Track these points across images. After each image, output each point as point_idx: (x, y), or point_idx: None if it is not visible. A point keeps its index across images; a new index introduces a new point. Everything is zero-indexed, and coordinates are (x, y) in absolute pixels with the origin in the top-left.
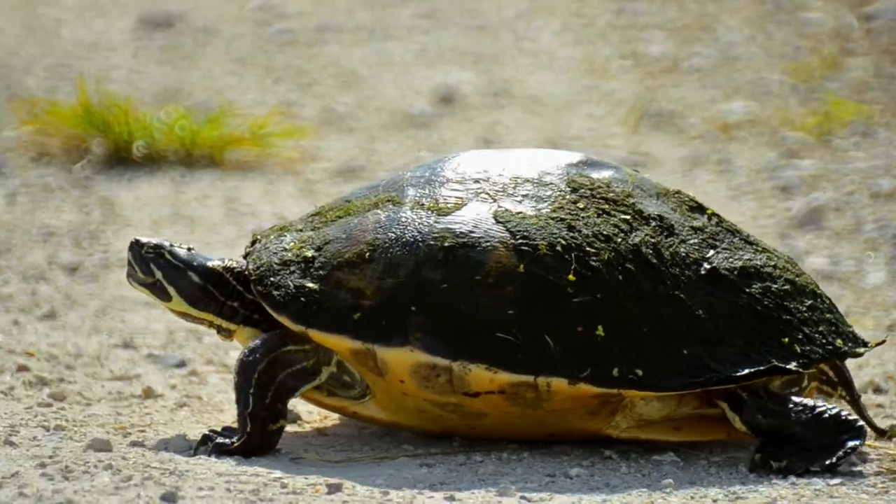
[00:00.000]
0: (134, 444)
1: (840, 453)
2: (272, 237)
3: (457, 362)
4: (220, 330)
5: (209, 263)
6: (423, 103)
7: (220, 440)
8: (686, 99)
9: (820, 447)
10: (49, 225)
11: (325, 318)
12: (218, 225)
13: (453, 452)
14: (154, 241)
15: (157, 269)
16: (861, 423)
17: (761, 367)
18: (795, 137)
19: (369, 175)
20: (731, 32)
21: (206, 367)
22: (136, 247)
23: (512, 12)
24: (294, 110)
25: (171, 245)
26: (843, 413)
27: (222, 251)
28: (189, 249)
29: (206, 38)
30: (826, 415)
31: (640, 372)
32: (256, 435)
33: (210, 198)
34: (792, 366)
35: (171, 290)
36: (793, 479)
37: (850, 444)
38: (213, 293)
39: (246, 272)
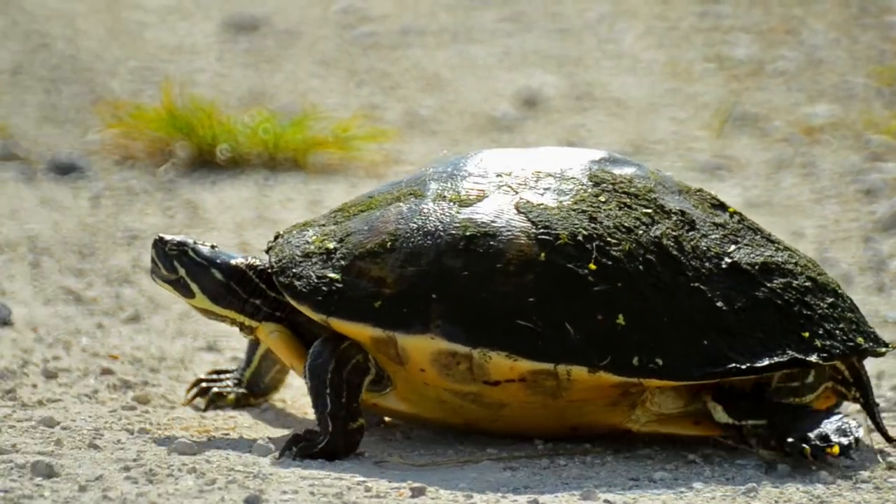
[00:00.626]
0: (218, 447)
1: (852, 431)
2: (294, 232)
3: (477, 350)
4: (242, 327)
5: (232, 261)
6: (506, 106)
7: (304, 443)
8: (770, 102)
9: (827, 424)
10: (133, 228)
11: (347, 306)
12: None
13: (537, 456)
14: (178, 238)
15: (180, 266)
16: (879, 419)
17: (781, 360)
18: (879, 141)
19: None
20: (816, 35)
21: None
22: (159, 244)
23: (595, 15)
24: (377, 113)
25: (195, 242)
26: (806, 408)
27: None
28: (212, 247)
29: (290, 41)
30: (811, 408)
31: (660, 361)
32: (339, 434)
33: (293, 201)
34: (812, 358)
35: (194, 287)
36: (876, 482)
37: (852, 422)
38: (236, 290)
39: (268, 266)
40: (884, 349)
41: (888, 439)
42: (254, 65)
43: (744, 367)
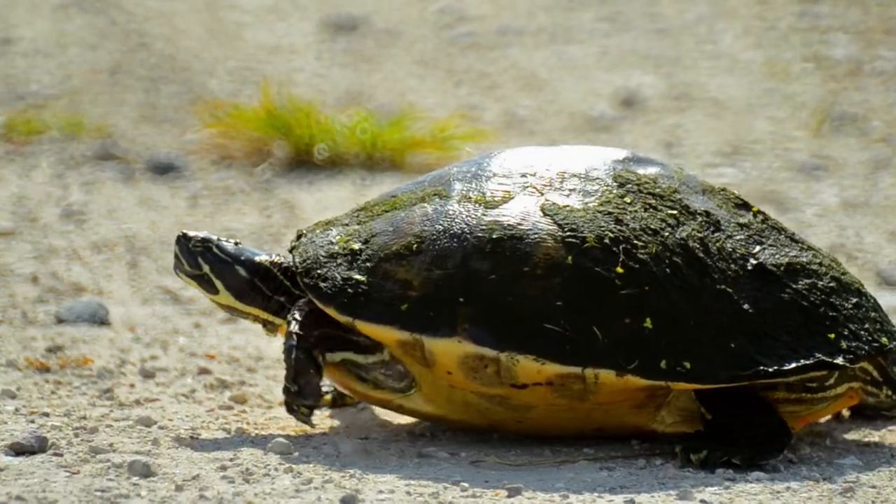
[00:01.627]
0: (315, 446)
1: (761, 455)
2: (318, 231)
3: (504, 353)
4: (265, 324)
5: (256, 258)
6: (604, 106)
7: (297, 402)
8: (869, 102)
9: (743, 443)
10: (231, 227)
11: (373, 309)
12: None
13: (633, 456)
14: (202, 234)
15: (204, 262)
16: (790, 434)
17: (808, 362)
18: None
19: None
20: None
21: None
22: (183, 240)
23: (693, 15)
24: (475, 113)
25: (219, 239)
26: (779, 419)
27: None
28: (236, 244)
29: (388, 41)
30: (762, 415)
31: (687, 364)
32: (303, 358)
33: None
34: (839, 360)
35: (218, 283)
36: None
37: (776, 448)
38: (260, 287)
39: (293, 266)
40: None
41: None
42: (352, 64)
43: (771, 369)
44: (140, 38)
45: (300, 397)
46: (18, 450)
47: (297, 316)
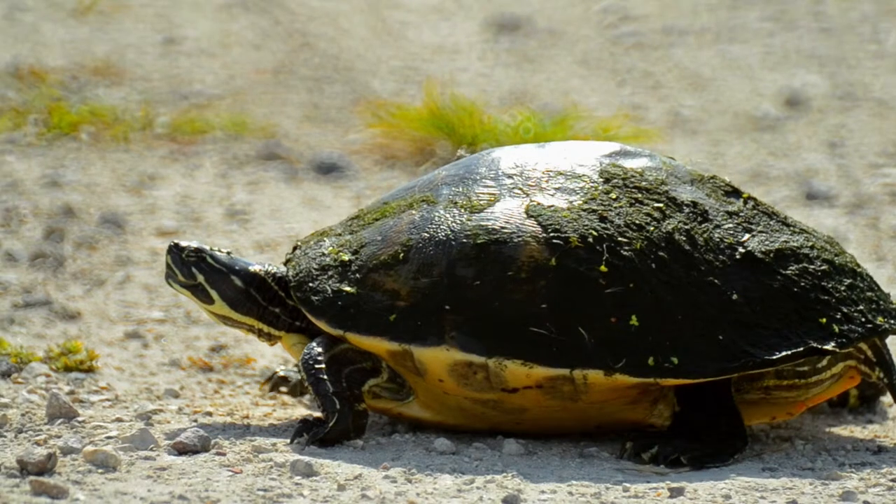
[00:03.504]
0: (477, 447)
1: (711, 457)
2: (312, 242)
3: (492, 359)
4: (261, 334)
5: (251, 268)
6: (768, 106)
7: (315, 429)
8: None
9: (696, 442)
10: None
11: (362, 321)
12: None
13: (797, 455)
14: (194, 244)
15: (198, 272)
16: (746, 439)
17: (799, 349)
18: None
19: None
20: None
21: None
22: (175, 250)
23: (857, 14)
24: (639, 113)
25: (212, 248)
26: (738, 424)
27: None
28: (229, 253)
29: (551, 41)
30: (723, 417)
31: (675, 360)
32: (347, 413)
33: None
34: (830, 346)
35: (213, 293)
36: None
37: (727, 452)
38: (255, 297)
39: (286, 278)
40: None
41: None
42: (515, 64)
43: (760, 359)
44: (304, 37)
45: (322, 430)
46: (181, 449)
47: (327, 377)
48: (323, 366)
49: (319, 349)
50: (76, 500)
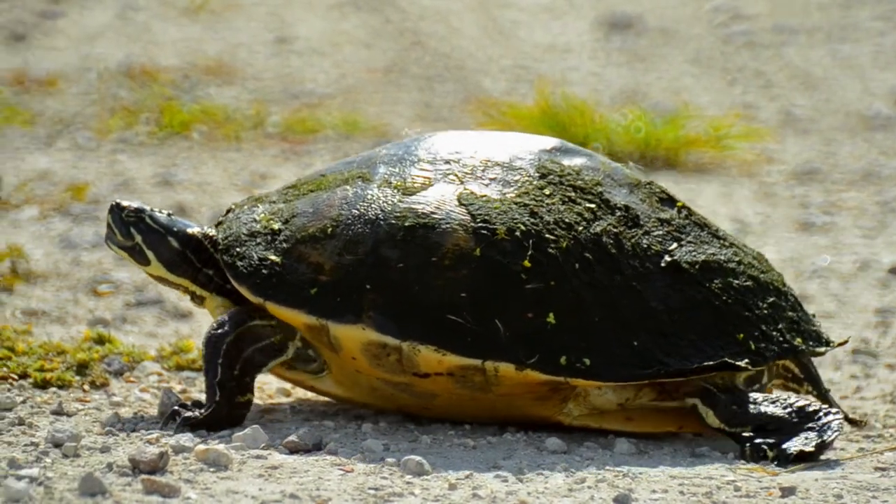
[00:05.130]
0: (589, 445)
1: (828, 434)
2: (245, 207)
3: (406, 342)
4: (193, 296)
5: (189, 230)
6: (880, 105)
7: (187, 413)
8: None
9: (805, 431)
10: None
11: (283, 291)
12: None
13: None
14: (135, 204)
15: (137, 232)
16: (835, 407)
17: (711, 362)
18: None
19: (825, 178)
20: None
21: None
22: (116, 210)
23: None
24: (750, 112)
25: (152, 210)
26: (814, 401)
27: None
28: (169, 215)
29: (662, 40)
30: (801, 402)
31: (587, 361)
32: (224, 405)
33: None
34: (743, 362)
35: (150, 254)
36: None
37: (834, 424)
38: (191, 259)
39: (217, 242)
40: (823, 349)
41: (853, 423)
42: (626, 63)
43: (672, 368)
44: (415, 36)
45: (195, 414)
46: (293, 448)
47: (221, 361)
48: (222, 348)
49: (226, 328)
50: (188, 499)
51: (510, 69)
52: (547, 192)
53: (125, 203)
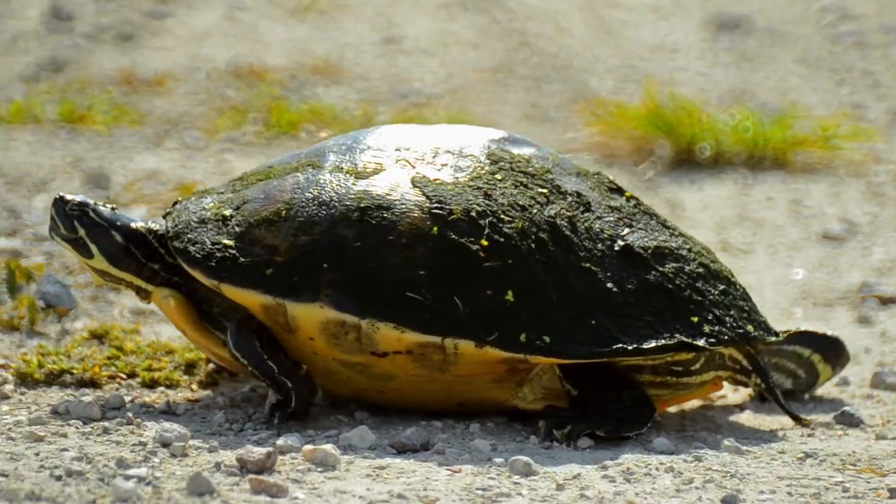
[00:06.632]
0: (697, 446)
1: (626, 428)
2: (193, 199)
3: (365, 320)
4: (138, 291)
5: (132, 224)
6: None
7: (282, 410)
8: None
9: (607, 416)
10: None
11: (238, 273)
12: (783, 227)
13: None
14: (78, 198)
15: (80, 226)
16: (653, 407)
17: (668, 343)
18: None
19: None
20: None
21: None
22: (59, 203)
23: None
24: (859, 112)
25: (96, 204)
26: (642, 393)
27: (787, 253)
28: (113, 209)
29: (770, 40)
30: (624, 389)
31: (547, 339)
32: (300, 388)
33: (774, 200)
34: (700, 343)
35: (93, 247)
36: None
37: (640, 421)
38: (135, 254)
39: (165, 231)
40: (773, 338)
41: (797, 420)
42: (734, 63)
43: (630, 347)
44: (522, 36)
45: (286, 406)
46: (401, 448)
47: (267, 357)
48: (257, 346)
49: (244, 329)
50: (295, 499)
51: (617, 69)
52: (499, 177)
53: (69, 197)
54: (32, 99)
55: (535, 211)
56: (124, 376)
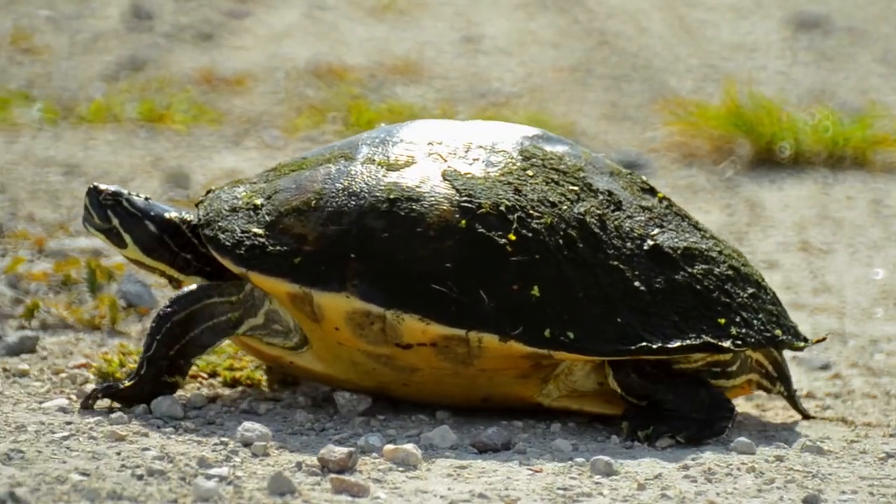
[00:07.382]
0: (778, 445)
1: (708, 431)
2: (226, 188)
3: (390, 311)
4: (171, 280)
5: (166, 214)
6: None
7: (113, 384)
8: None
9: (688, 419)
10: None
11: (266, 261)
12: (863, 227)
13: None
14: (112, 188)
15: (114, 216)
16: (732, 405)
17: (694, 343)
18: None
19: None
20: None
21: (850, 371)
22: (94, 193)
23: None
24: None
25: (129, 193)
26: (718, 393)
27: (867, 253)
28: (146, 199)
29: (851, 39)
30: (701, 389)
31: (571, 335)
32: (148, 381)
33: (855, 199)
34: (726, 344)
35: (126, 237)
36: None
37: (720, 423)
38: (168, 244)
39: (196, 219)
40: (803, 343)
41: (805, 417)
42: (815, 62)
43: (655, 346)
44: (602, 36)
45: (119, 388)
46: (482, 447)
47: (160, 338)
48: (165, 326)
49: (176, 307)
50: (377, 499)
51: (697, 68)
52: (530, 173)
53: (103, 186)
54: (112, 98)
55: (564, 207)
56: (205, 375)
